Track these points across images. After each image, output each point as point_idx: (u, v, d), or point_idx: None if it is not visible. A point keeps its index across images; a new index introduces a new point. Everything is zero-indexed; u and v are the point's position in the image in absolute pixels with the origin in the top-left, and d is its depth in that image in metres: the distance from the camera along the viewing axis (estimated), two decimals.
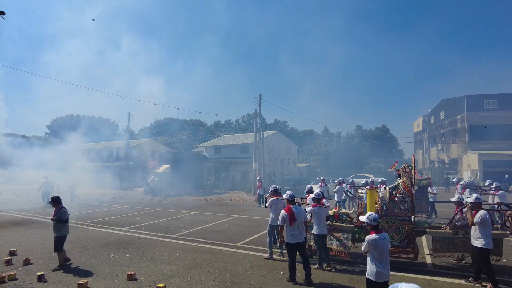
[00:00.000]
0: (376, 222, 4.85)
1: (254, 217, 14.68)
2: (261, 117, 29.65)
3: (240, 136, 40.56)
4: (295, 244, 6.43)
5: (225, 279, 6.53)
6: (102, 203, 20.09)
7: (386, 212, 7.40)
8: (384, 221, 7.21)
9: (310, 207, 7.39)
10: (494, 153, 36.32)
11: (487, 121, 39.40)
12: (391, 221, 7.25)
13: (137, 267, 7.27)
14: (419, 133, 58.56)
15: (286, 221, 6.48)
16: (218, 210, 16.78)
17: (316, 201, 7.31)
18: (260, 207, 18.25)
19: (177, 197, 23.35)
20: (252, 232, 11.16)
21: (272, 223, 8.09)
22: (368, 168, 42.66)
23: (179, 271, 7.01)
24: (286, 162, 37.68)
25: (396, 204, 7.38)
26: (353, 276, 6.77)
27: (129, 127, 35.84)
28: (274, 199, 8.25)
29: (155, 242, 9.77)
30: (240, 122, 65.73)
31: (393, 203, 7.39)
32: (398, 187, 7.45)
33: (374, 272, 4.63)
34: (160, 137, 47.42)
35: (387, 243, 4.73)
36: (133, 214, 15.34)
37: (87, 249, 8.87)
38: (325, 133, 56.26)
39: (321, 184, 16.71)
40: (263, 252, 8.54)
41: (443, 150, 47.76)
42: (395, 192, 7.43)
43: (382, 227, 6.71)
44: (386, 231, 6.93)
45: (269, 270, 7.11)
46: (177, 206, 18.33)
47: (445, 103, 47.75)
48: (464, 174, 37.61)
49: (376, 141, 53.54)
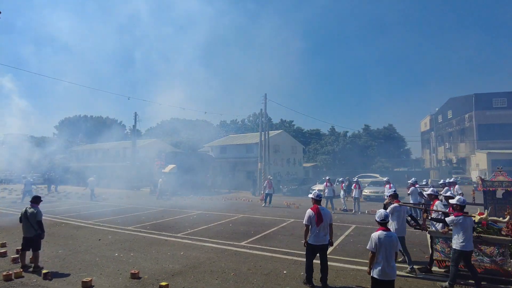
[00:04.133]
0: (387, 219, 4.90)
1: (259, 216, 14.69)
2: (266, 116, 29.66)
3: (246, 136, 40.60)
4: (317, 246, 6.14)
5: (228, 278, 6.55)
6: (108, 202, 20.31)
7: None
8: None
9: (452, 217, 6.00)
10: (503, 152, 35.83)
11: (496, 119, 38.95)
12: None
13: (141, 265, 7.33)
14: (426, 132, 58.02)
15: (312, 222, 6.16)
16: (223, 209, 16.82)
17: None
18: (265, 206, 18.25)
19: (182, 197, 23.46)
20: (257, 231, 11.16)
21: (399, 234, 6.68)
22: (375, 167, 42.36)
23: (183, 270, 7.05)
24: (292, 162, 37.60)
25: None
26: None
27: (136, 127, 36.05)
28: (396, 206, 7.14)
29: (159, 241, 9.83)
30: (246, 122, 65.75)
31: None
32: None
33: (379, 270, 4.63)
34: (166, 137, 47.65)
35: (393, 242, 4.71)
36: (139, 214, 15.45)
37: (92, 248, 8.96)
38: (332, 132, 56.01)
39: (327, 184, 16.63)
40: (267, 251, 8.54)
41: (450, 149, 47.27)
42: None
43: None
44: None
45: (272, 269, 7.11)
46: (182, 206, 18.41)
47: (453, 101, 47.26)
48: (472, 174, 37.17)
49: (383, 141, 53.15)
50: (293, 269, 7.15)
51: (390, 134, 56.09)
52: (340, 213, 15.88)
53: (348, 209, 16.35)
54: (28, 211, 7.22)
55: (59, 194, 25.07)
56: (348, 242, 9.67)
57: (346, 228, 11.79)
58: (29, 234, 7.10)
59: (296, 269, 7.10)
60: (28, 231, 7.11)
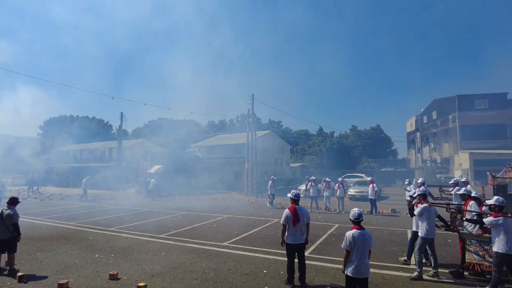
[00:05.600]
0: (361, 218, 4.95)
1: (244, 216, 14.70)
2: (254, 117, 29.69)
3: (233, 136, 40.57)
4: (295, 245, 6.19)
5: (207, 278, 6.55)
6: (92, 203, 20.04)
7: None
8: None
9: (491, 218, 5.73)
10: (485, 152, 36.69)
11: (478, 120, 39.85)
12: None
13: (121, 266, 7.27)
14: (412, 132, 58.98)
15: (289, 221, 6.19)
16: (208, 210, 16.77)
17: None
18: (273, 208, 17.88)
19: (168, 198, 23.31)
20: (241, 231, 11.18)
21: (427, 235, 6.68)
22: (361, 167, 42.89)
23: (162, 271, 7.02)
24: (279, 162, 37.73)
25: None
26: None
27: (122, 127, 35.62)
28: (426, 206, 6.82)
29: (141, 242, 9.76)
30: (234, 122, 65.74)
31: None
32: None
33: (353, 268, 4.70)
34: (153, 137, 47.28)
35: (367, 241, 4.78)
36: (123, 215, 15.28)
37: (72, 249, 8.83)
38: (320, 133, 56.45)
39: (311, 184, 16.76)
40: (249, 251, 8.57)
41: (435, 149, 48.16)
42: None
43: None
44: None
45: (253, 269, 7.14)
46: (167, 207, 18.30)
47: (438, 103, 48.16)
48: (456, 173, 37.96)
49: (370, 141, 53.88)
50: (273, 268, 7.20)
51: (377, 135, 56.90)
52: (324, 212, 16.06)
53: (332, 208, 16.57)
54: (4, 212, 7.07)
55: (42, 196, 24.61)
56: (330, 241, 9.77)
57: (329, 227, 11.92)
58: (4, 236, 6.95)
59: (276, 269, 7.15)
60: (4, 233, 6.97)
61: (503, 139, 38.90)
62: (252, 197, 24.47)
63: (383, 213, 15.39)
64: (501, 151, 36.54)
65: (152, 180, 22.93)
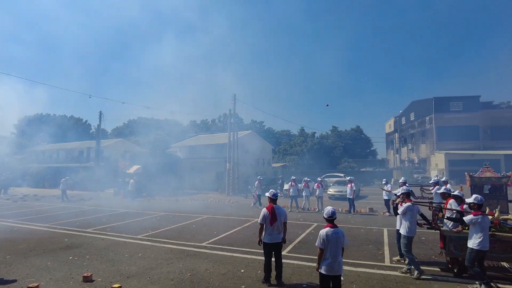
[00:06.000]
0: (334, 216, 4.98)
1: (224, 217, 14.66)
2: (236, 117, 29.71)
3: (215, 136, 40.39)
4: (272, 245, 6.22)
5: (184, 279, 6.50)
6: (68, 204, 19.52)
7: None
8: None
9: (471, 216, 5.90)
10: (459, 153, 37.97)
11: (453, 122, 41.16)
12: None
13: (95, 268, 7.12)
14: (391, 133, 60.31)
15: (267, 221, 6.23)
16: (188, 210, 16.63)
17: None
18: (260, 208, 17.01)
19: (148, 198, 22.97)
20: (220, 232, 11.13)
21: (409, 233, 6.77)
22: (341, 167, 43.53)
23: (138, 272, 6.92)
24: (261, 162, 37.84)
25: None
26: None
27: (101, 126, 34.82)
28: (409, 205, 6.91)
29: (118, 243, 9.58)
30: (216, 122, 65.46)
31: None
32: None
33: (326, 266, 4.77)
34: (133, 136, 46.46)
35: (340, 238, 4.84)
36: (100, 216, 14.95)
37: (44, 252, 8.57)
38: (301, 133, 56.94)
39: (292, 183, 16.89)
40: (227, 251, 8.56)
41: (413, 150, 49.41)
42: None
43: None
44: None
45: (230, 269, 7.13)
46: (146, 207, 18.04)
47: (415, 104, 49.42)
48: (432, 173, 39.11)
49: (350, 142, 54.73)
50: (251, 268, 7.21)
51: (357, 136, 57.85)
52: (303, 211, 16.24)
53: (311, 208, 16.77)
54: None
55: (15, 197, 23.74)
56: (308, 240, 9.88)
57: (307, 227, 12.05)
58: None
59: (254, 268, 7.17)
60: None
61: (475, 140, 40.36)
62: (233, 197, 24.42)
63: (361, 212, 15.68)
64: (474, 151, 37.93)
65: (131, 180, 22.55)
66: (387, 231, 11.23)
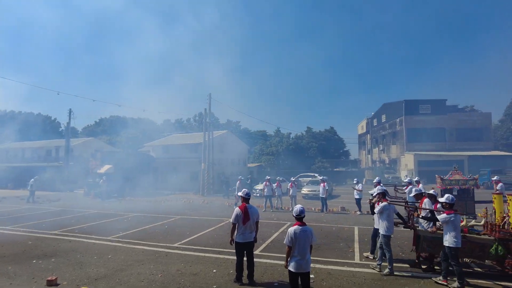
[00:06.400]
0: (302, 214, 5.05)
1: (197, 217, 14.53)
2: (212, 116, 29.52)
3: (189, 135, 39.94)
4: (244, 244, 6.23)
5: (154, 280, 6.40)
6: (35, 205, 18.69)
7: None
8: None
9: (445, 215, 6.12)
10: (427, 154, 39.54)
11: (422, 124, 42.75)
12: None
13: (61, 271, 6.87)
14: (363, 134, 61.92)
15: (239, 220, 6.22)
16: (161, 211, 16.34)
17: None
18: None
19: (119, 199, 22.37)
20: (193, 232, 11.03)
21: (387, 232, 6.91)
22: (315, 167, 44.21)
23: (107, 274, 6.74)
24: (237, 162, 37.78)
25: None
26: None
27: (70, 124, 33.58)
28: (386, 204, 7.05)
29: (87, 245, 9.29)
30: (191, 121, 64.75)
31: None
32: None
33: (294, 263, 4.84)
34: (105, 135, 45.10)
35: (308, 236, 4.92)
36: (69, 217, 14.44)
37: (5, 255, 8.17)
38: (277, 134, 57.35)
39: (266, 183, 16.98)
40: (200, 252, 8.50)
41: (384, 150, 50.91)
42: None
43: None
44: None
45: (202, 269, 7.09)
46: (118, 208, 17.58)
47: (387, 107, 50.97)
48: (402, 173, 40.51)
49: (324, 142, 55.67)
50: (223, 267, 7.21)
51: (331, 136, 58.92)
52: (277, 211, 16.39)
53: (284, 207, 16.97)
54: None
55: None
56: (281, 239, 9.94)
57: (281, 226, 12.17)
58: None
59: (226, 268, 7.16)
60: None
61: (442, 141, 42.14)
62: (208, 197, 24.24)
63: (333, 211, 16.01)
64: (440, 152, 39.62)
65: (101, 180, 21.88)
66: (358, 229, 11.53)
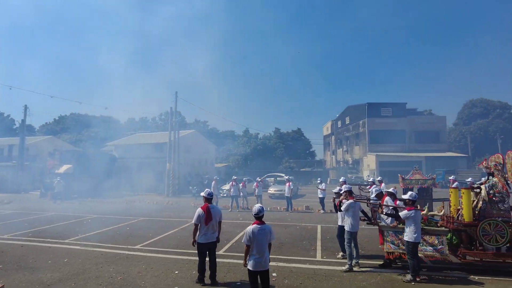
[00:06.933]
0: (261, 213, 5.09)
1: (161, 219, 14.22)
2: (178, 115, 28.97)
3: (154, 135, 38.97)
4: (206, 244, 6.18)
5: (113, 282, 6.22)
6: None
7: (484, 213, 7.00)
8: (486, 223, 6.69)
9: (406, 211, 6.39)
10: (388, 155, 41.34)
11: (383, 126, 44.62)
12: (494, 223, 6.67)
13: (10, 278, 6.49)
14: (328, 136, 63.60)
15: (202, 220, 6.15)
16: (123, 213, 15.81)
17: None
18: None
19: (79, 200, 21.40)
20: (156, 234, 10.80)
21: (352, 229, 7.11)
22: (282, 167, 44.79)
23: (63, 278, 6.45)
24: (204, 162, 37.41)
25: (494, 204, 6.97)
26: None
27: (25, 122, 31.63)
28: (352, 202, 7.25)
29: (41, 249, 8.83)
30: (157, 120, 63.20)
31: (491, 203, 6.98)
32: (496, 186, 6.99)
33: (253, 262, 4.88)
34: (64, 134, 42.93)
35: (267, 235, 4.97)
36: (21, 220, 13.62)
37: None
38: (246, 134, 57.44)
39: (232, 183, 16.99)
40: (162, 253, 8.36)
41: (347, 151, 52.59)
42: (494, 191, 6.99)
43: (483, 230, 6.64)
44: (489, 234, 6.66)
45: (164, 270, 6.98)
46: (77, 210, 16.82)
47: (350, 109, 52.69)
48: (364, 173, 42.05)
49: (291, 143, 56.55)
50: (185, 269, 7.13)
51: (298, 137, 59.97)
52: (243, 211, 16.44)
53: (250, 207, 17.05)
54: None
55: None
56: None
57: (246, 226, 12.13)
58: None
59: (189, 269, 7.10)
60: None
61: (402, 143, 44.24)
62: (173, 198, 23.81)
63: (298, 210, 16.32)
64: (400, 154, 41.59)
65: (57, 180, 20.74)
66: (321, 227, 11.85)
